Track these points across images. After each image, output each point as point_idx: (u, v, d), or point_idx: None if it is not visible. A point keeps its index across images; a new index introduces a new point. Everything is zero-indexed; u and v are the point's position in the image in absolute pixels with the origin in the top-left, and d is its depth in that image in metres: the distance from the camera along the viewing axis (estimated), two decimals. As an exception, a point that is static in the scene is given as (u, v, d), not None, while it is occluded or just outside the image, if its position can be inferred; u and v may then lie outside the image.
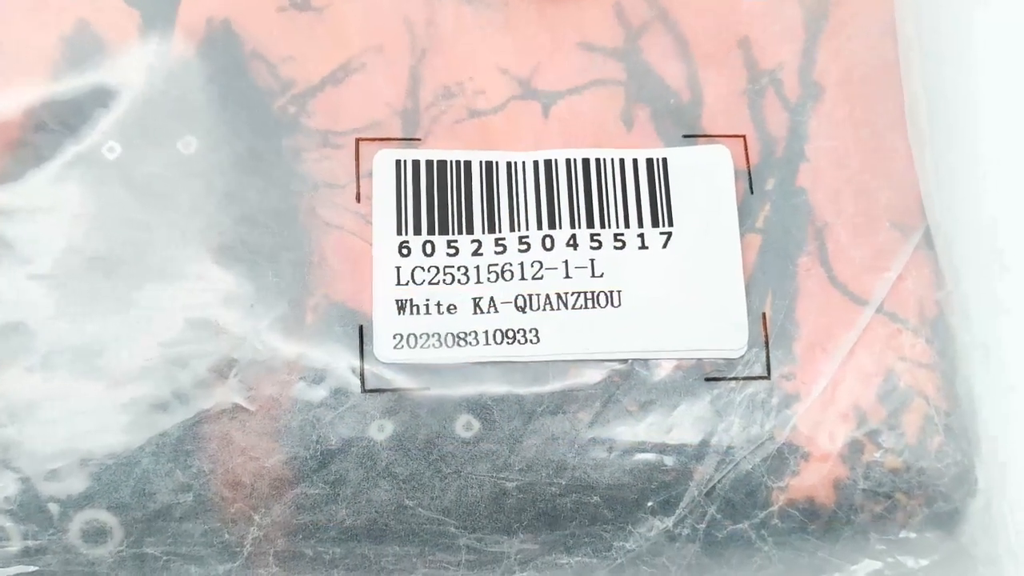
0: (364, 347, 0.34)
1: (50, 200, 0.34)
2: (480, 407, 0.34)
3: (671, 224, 0.35)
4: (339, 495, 0.33)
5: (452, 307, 0.34)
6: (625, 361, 0.34)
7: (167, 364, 0.33)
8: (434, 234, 0.35)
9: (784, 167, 0.36)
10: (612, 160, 0.36)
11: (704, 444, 0.34)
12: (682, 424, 0.34)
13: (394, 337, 0.34)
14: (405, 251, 0.35)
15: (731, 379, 0.34)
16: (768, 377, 0.34)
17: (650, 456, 0.34)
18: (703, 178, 0.36)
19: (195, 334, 0.33)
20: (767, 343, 0.35)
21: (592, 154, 0.36)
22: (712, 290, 0.35)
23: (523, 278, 0.34)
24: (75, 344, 0.33)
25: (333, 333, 0.34)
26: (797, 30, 0.37)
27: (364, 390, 0.33)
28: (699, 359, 0.34)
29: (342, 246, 0.35)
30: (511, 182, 0.35)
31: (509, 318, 0.34)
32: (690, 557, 0.34)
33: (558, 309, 0.34)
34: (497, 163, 0.35)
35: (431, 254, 0.35)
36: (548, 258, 0.35)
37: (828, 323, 0.35)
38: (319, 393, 0.33)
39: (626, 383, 0.34)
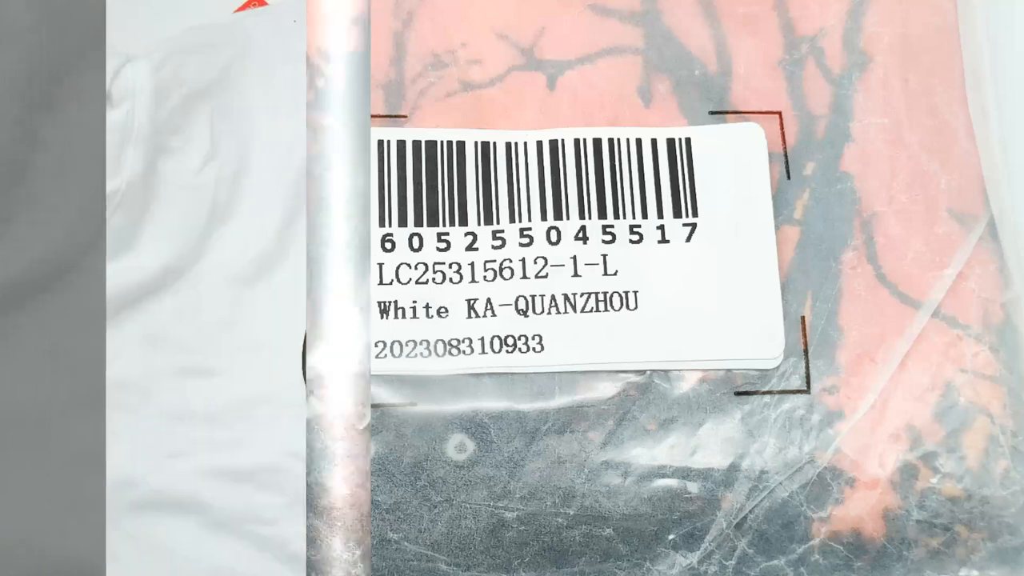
0: (341, 356, 0.33)
1: None
2: (475, 426, 0.33)
3: (695, 214, 0.34)
4: (312, 527, 0.32)
5: (443, 310, 0.33)
6: (643, 372, 0.33)
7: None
8: (422, 226, 0.34)
9: (826, 149, 0.35)
10: (628, 140, 0.35)
11: (734, 468, 0.33)
12: (708, 445, 0.33)
13: (376, 345, 0.33)
14: (388, 245, 0.34)
15: (765, 393, 0.34)
16: (807, 391, 0.34)
17: (671, 482, 0.33)
18: (733, 161, 0.35)
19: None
20: (806, 352, 0.34)
21: (605, 133, 0.35)
22: (743, 290, 0.34)
23: (525, 276, 0.33)
24: None
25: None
26: (842, -10, 0.37)
27: (341, 406, 0.33)
28: (728, 370, 0.34)
29: (315, 240, 0.34)
30: (511, 165, 0.34)
31: (509, 323, 0.33)
32: (717, 598, 0.34)
33: (565, 312, 0.33)
34: (495, 143, 0.35)
35: (419, 249, 0.33)
36: (554, 253, 0.34)
37: (877, 329, 0.34)
38: (289, 410, 0.33)
39: (644, 398, 0.33)
